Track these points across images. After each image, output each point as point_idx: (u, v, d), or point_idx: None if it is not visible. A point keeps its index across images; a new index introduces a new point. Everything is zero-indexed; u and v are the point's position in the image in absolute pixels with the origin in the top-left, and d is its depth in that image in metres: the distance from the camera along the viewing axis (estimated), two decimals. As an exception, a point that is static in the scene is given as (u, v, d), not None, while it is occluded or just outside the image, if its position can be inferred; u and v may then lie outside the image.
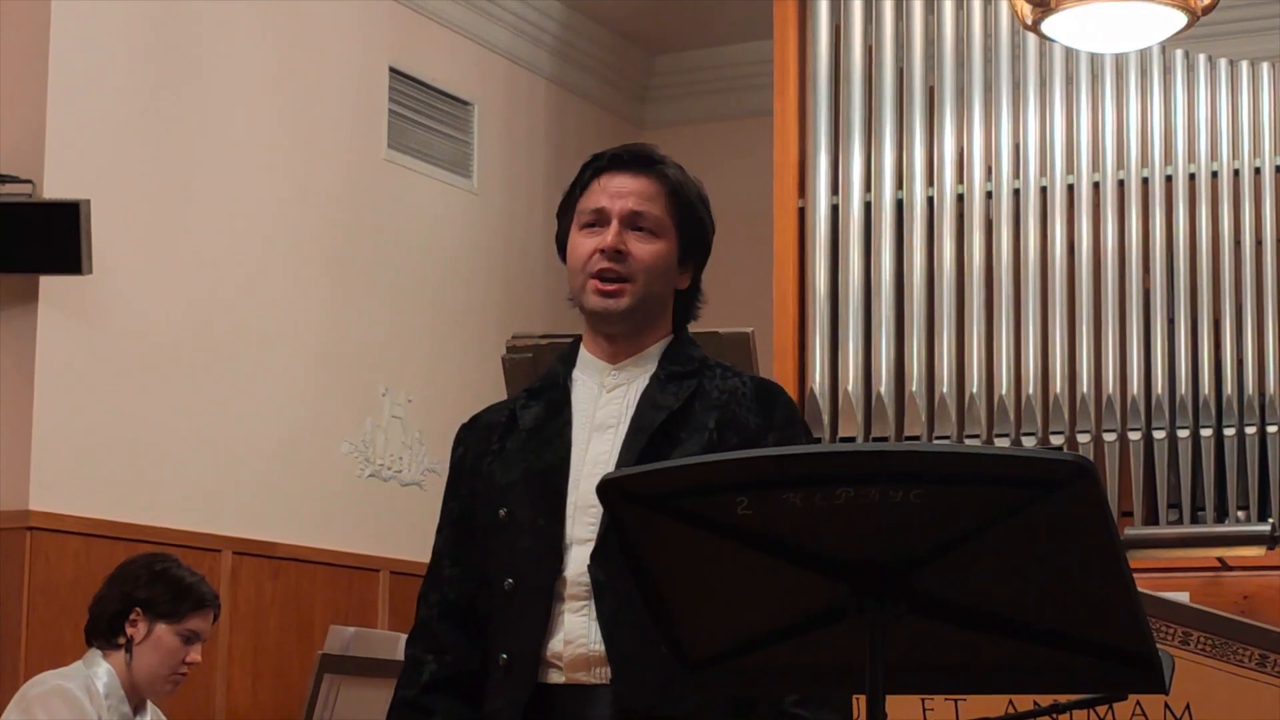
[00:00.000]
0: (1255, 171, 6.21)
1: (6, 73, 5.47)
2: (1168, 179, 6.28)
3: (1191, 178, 6.26)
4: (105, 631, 4.07)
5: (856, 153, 6.55)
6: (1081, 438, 6.19)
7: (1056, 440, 6.22)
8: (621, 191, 2.69)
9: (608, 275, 2.66)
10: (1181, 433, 6.11)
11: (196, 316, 5.89)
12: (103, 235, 5.39)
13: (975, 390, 6.31)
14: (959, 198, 6.48)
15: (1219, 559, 5.77)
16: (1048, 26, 4.97)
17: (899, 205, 6.52)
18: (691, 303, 2.78)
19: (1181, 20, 4.89)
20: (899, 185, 6.52)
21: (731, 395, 2.68)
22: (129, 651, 4.04)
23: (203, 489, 5.85)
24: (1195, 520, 6.06)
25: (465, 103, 7.21)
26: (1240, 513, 6.06)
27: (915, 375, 6.37)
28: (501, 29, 7.37)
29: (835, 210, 6.56)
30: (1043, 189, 6.39)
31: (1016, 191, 6.41)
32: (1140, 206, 6.27)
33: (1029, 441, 6.22)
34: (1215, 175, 6.23)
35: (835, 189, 6.57)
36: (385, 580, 6.50)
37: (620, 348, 2.71)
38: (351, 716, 4.26)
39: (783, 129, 6.68)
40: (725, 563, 1.90)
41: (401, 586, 6.46)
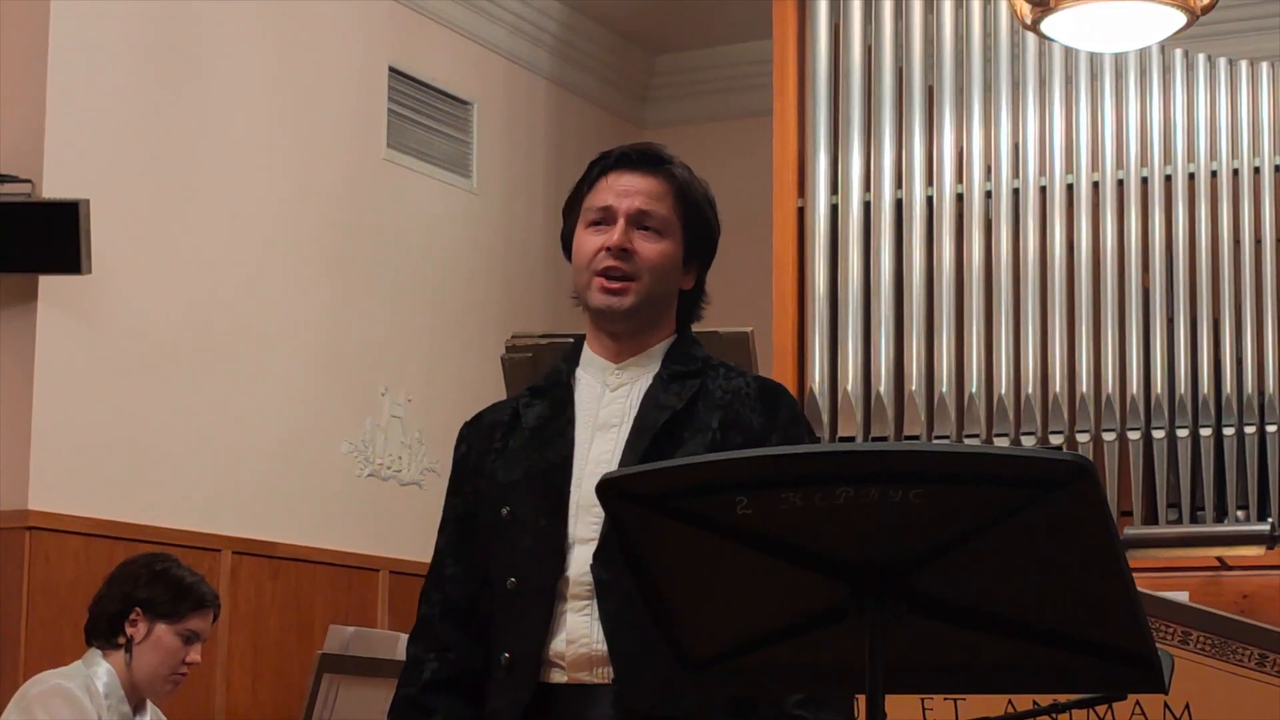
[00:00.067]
0: (1255, 171, 6.21)
1: (6, 73, 5.47)
2: (1167, 179, 6.28)
3: (1191, 177, 6.26)
4: (105, 631, 4.07)
5: (856, 152, 6.55)
6: (1081, 437, 6.19)
7: (1056, 440, 6.22)
8: (629, 190, 2.68)
9: (613, 273, 2.66)
10: (1181, 432, 6.11)
11: (196, 316, 5.89)
12: (102, 235, 5.39)
13: (974, 390, 6.31)
14: (958, 197, 6.48)
15: (1218, 558, 5.77)
16: (1047, 26, 4.97)
17: (898, 205, 6.52)
18: (696, 303, 2.77)
19: (1181, 20, 4.89)
20: (898, 185, 6.52)
21: (735, 395, 2.67)
22: (129, 651, 4.04)
23: (203, 489, 5.85)
24: (1195, 520, 6.06)
25: (465, 102, 7.20)
26: (1240, 512, 6.06)
27: (914, 375, 6.37)
28: (501, 29, 7.36)
29: (835, 210, 6.56)
30: (1042, 189, 6.39)
31: (1016, 191, 6.41)
32: (1140, 206, 6.27)
33: (1028, 441, 6.21)
34: (1215, 175, 6.23)
35: (835, 189, 6.57)
36: (385, 580, 6.50)
37: (624, 346, 2.71)
38: (351, 716, 4.26)
39: (782, 129, 6.68)
40: (725, 563, 1.90)
41: (401, 586, 6.46)
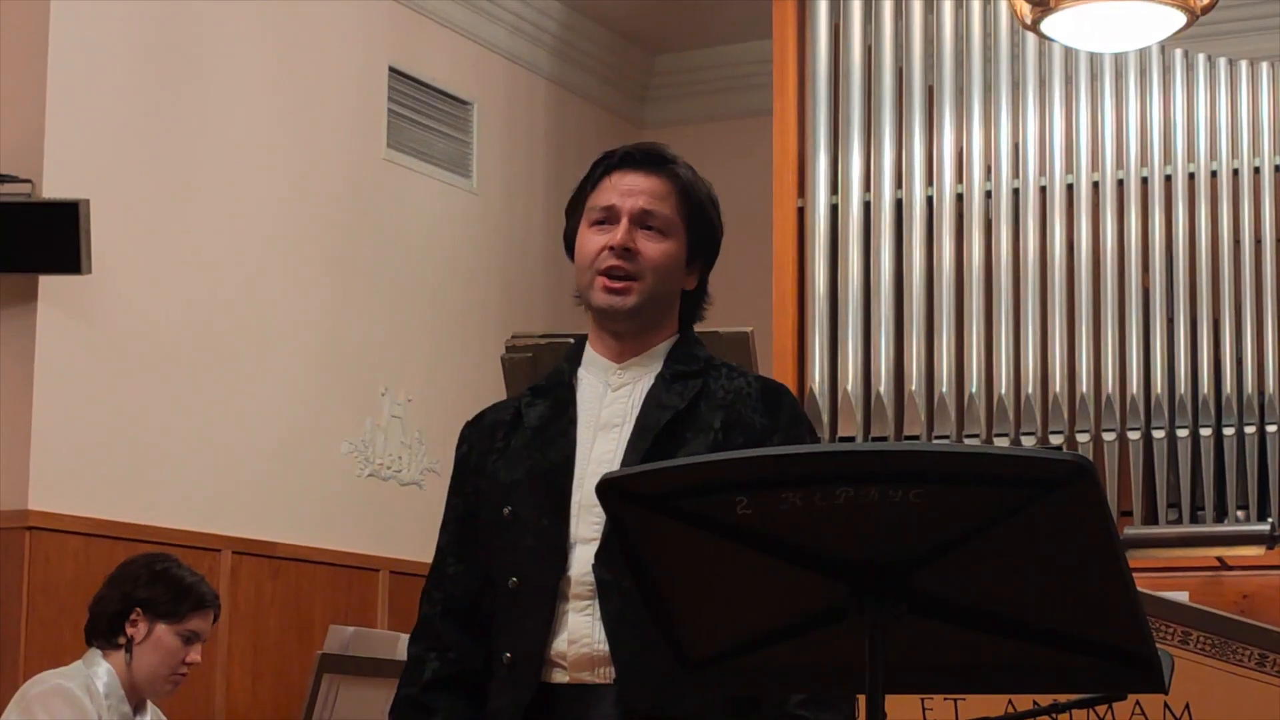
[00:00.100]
0: (1255, 171, 6.21)
1: (6, 73, 5.47)
2: (1167, 179, 6.28)
3: (1191, 177, 6.26)
4: (105, 631, 4.07)
5: (856, 152, 6.55)
6: (1081, 437, 6.19)
7: (1056, 440, 6.22)
8: (633, 190, 2.68)
9: (616, 273, 2.65)
10: (1181, 432, 6.11)
11: (196, 316, 5.89)
12: (102, 235, 5.39)
13: (974, 390, 6.31)
14: (958, 197, 6.48)
15: (1218, 558, 5.77)
16: (1047, 26, 4.97)
17: (898, 205, 6.52)
18: (698, 303, 2.77)
19: (1181, 20, 4.89)
20: (898, 185, 6.52)
21: (737, 395, 2.67)
22: (129, 651, 4.04)
23: (203, 489, 5.85)
24: (1195, 520, 6.06)
25: (465, 102, 7.20)
26: (1240, 512, 6.05)
27: (914, 375, 6.37)
28: (501, 29, 7.36)
29: (834, 210, 6.56)
30: (1042, 188, 6.39)
31: (1016, 191, 6.41)
32: (1140, 206, 6.27)
33: (1028, 441, 6.21)
34: (1215, 175, 6.23)
35: (834, 189, 6.57)
36: (385, 580, 6.50)
37: (626, 346, 2.71)
38: (351, 716, 4.26)
39: (782, 129, 6.68)
40: (725, 563, 1.90)
41: (401, 586, 6.46)
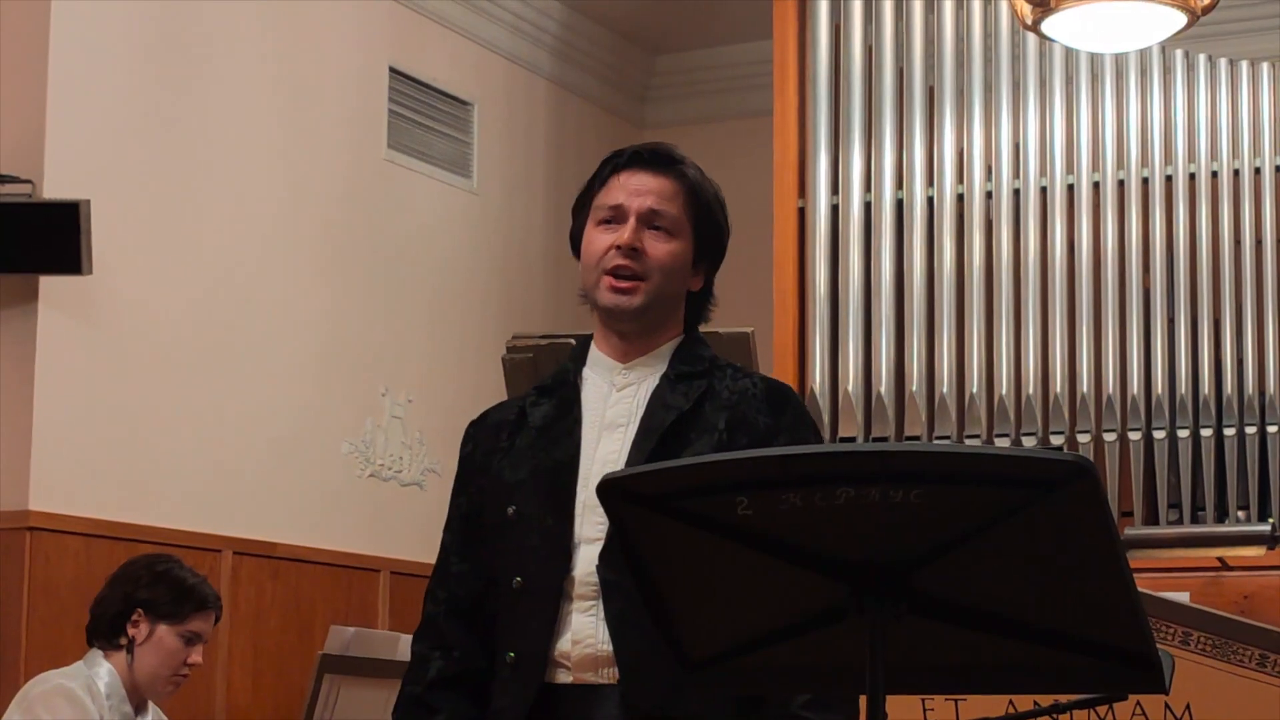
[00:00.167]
0: (1255, 171, 6.21)
1: (6, 73, 5.47)
2: (1168, 179, 6.28)
3: (1191, 178, 6.26)
4: (107, 632, 4.07)
5: (856, 153, 6.55)
6: (1081, 438, 6.19)
7: (1057, 440, 6.22)
8: (640, 189, 2.68)
9: (622, 272, 2.65)
10: (1181, 433, 6.11)
11: (196, 316, 5.89)
12: (103, 235, 5.39)
13: (975, 390, 6.31)
14: (959, 198, 6.48)
15: (1219, 559, 5.77)
16: (1048, 26, 4.97)
17: (899, 205, 6.52)
18: (703, 304, 2.77)
19: (1181, 20, 4.89)
20: (899, 185, 6.52)
21: (742, 396, 2.67)
22: (130, 652, 4.04)
23: (203, 489, 5.85)
24: (1195, 520, 6.06)
25: (465, 103, 7.20)
26: (1240, 513, 6.05)
27: (915, 375, 6.37)
28: (501, 29, 7.36)
29: (835, 210, 6.56)
30: (1043, 189, 6.39)
31: (1016, 191, 6.41)
32: (1140, 206, 6.27)
33: (1029, 441, 6.21)
34: (1215, 175, 6.23)
35: (835, 189, 6.57)
36: (385, 580, 6.50)
37: (631, 346, 2.70)
38: (352, 717, 4.25)
39: (782, 129, 6.68)
40: (725, 563, 1.90)
41: (402, 587, 6.46)
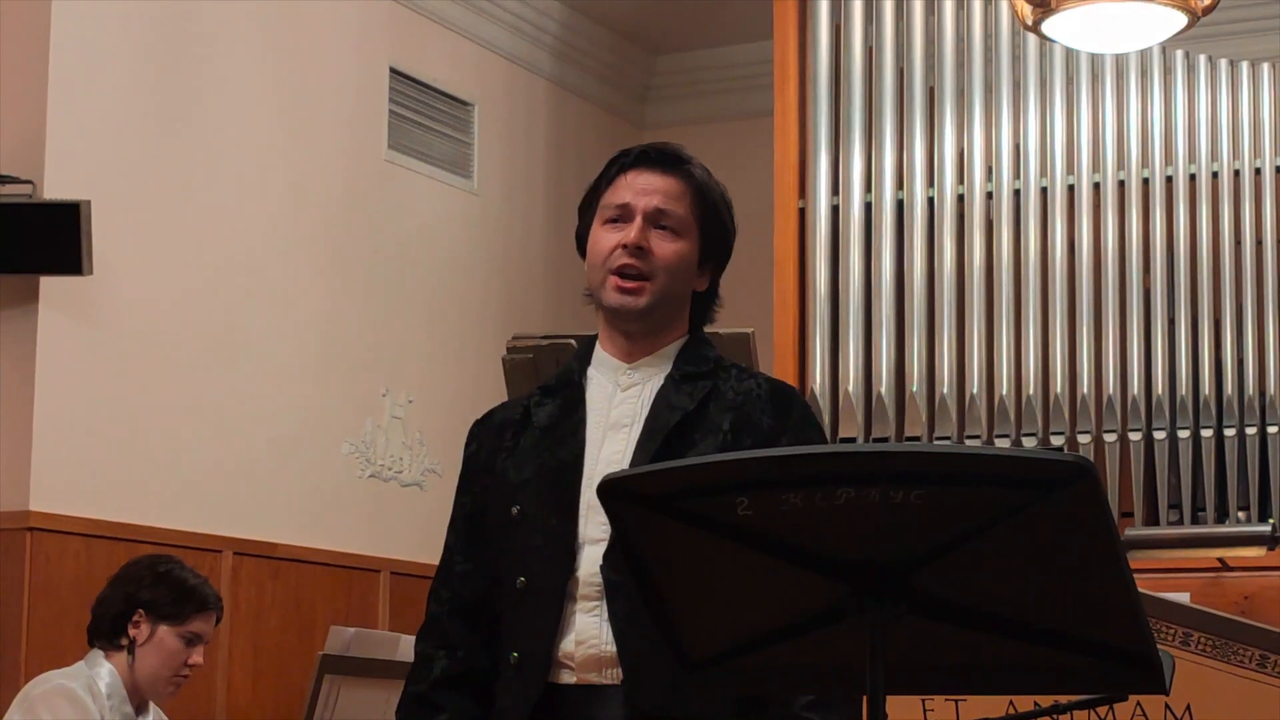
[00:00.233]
0: (1255, 171, 6.21)
1: (6, 73, 5.47)
2: (1168, 179, 6.28)
3: (1192, 178, 6.26)
4: (108, 632, 4.07)
5: (857, 153, 6.55)
6: (1082, 438, 6.19)
7: (1057, 441, 6.22)
8: (647, 189, 2.67)
9: (628, 272, 2.65)
10: (1182, 433, 6.11)
11: (196, 316, 5.89)
12: (103, 235, 5.39)
13: (976, 391, 6.31)
14: (959, 198, 6.48)
15: (1219, 559, 5.77)
16: (1048, 27, 4.97)
17: (899, 206, 6.52)
18: (709, 305, 2.77)
19: (1181, 21, 4.89)
20: (899, 186, 6.52)
21: (746, 397, 2.67)
22: (131, 653, 4.04)
23: (204, 490, 5.85)
24: (1196, 521, 6.06)
25: (465, 103, 7.20)
26: (1240, 513, 6.05)
27: (916, 375, 6.37)
28: (501, 29, 7.36)
29: (836, 211, 6.56)
30: (1043, 189, 6.39)
31: (1017, 192, 6.41)
32: (1140, 206, 6.27)
33: (1030, 442, 6.21)
34: (1215, 175, 6.23)
35: (836, 189, 6.57)
36: (386, 581, 6.50)
37: (636, 346, 2.70)
38: (352, 717, 4.26)
39: (783, 129, 6.68)
40: (725, 563, 1.90)
41: (402, 587, 6.46)
